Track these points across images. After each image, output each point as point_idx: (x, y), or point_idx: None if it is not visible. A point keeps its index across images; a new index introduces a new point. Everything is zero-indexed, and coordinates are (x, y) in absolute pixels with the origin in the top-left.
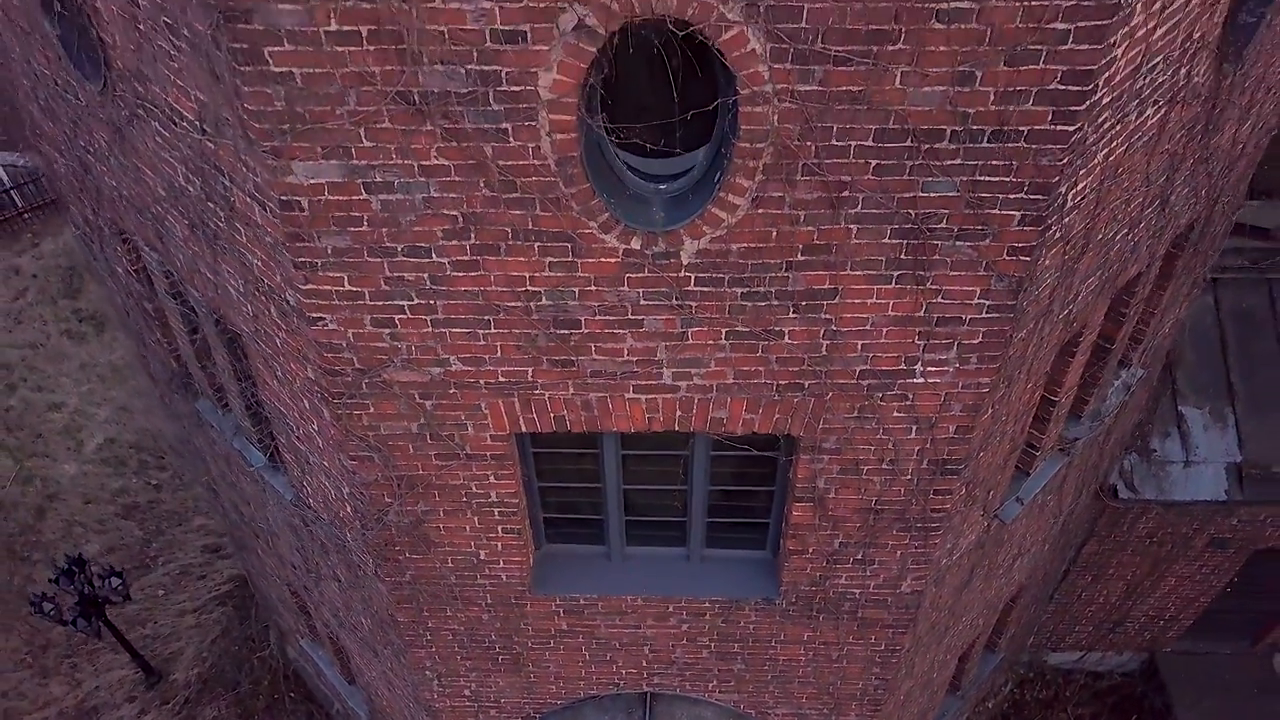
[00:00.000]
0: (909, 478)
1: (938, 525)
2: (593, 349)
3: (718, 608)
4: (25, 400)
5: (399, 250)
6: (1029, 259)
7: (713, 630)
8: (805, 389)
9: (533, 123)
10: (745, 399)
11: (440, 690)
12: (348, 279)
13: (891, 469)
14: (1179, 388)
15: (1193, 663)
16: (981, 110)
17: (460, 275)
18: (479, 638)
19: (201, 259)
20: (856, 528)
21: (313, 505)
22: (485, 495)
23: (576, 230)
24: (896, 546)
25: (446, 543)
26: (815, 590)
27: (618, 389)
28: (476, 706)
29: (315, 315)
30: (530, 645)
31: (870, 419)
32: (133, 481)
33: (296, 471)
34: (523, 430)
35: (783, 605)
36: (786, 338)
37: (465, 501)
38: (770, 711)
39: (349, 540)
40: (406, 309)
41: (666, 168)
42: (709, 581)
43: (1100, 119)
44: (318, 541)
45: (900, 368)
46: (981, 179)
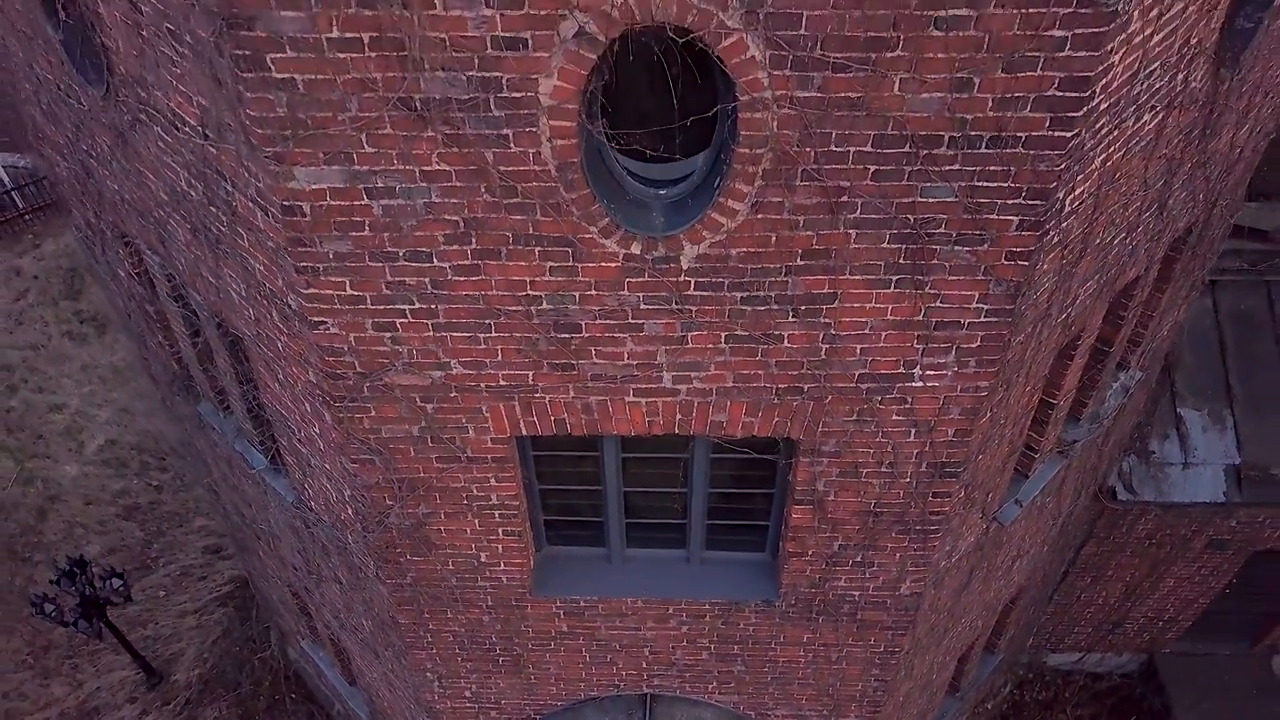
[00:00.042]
0: (908, 481)
1: (936, 528)
2: (593, 353)
3: (717, 609)
4: (26, 401)
5: (400, 255)
6: (1027, 264)
7: (713, 632)
8: (804, 392)
9: (533, 129)
10: (745, 402)
11: (441, 691)
12: (349, 283)
13: (890, 472)
14: (1178, 390)
15: (1192, 664)
16: (979, 116)
17: (461, 280)
18: (480, 639)
19: (203, 263)
20: (856, 530)
21: (314, 508)
22: (486, 498)
23: (577, 235)
24: (895, 549)
25: (447, 545)
26: (814, 592)
27: (618, 392)
28: (477, 708)
29: (317, 319)
30: (531, 647)
31: (869, 422)
32: (134, 483)
33: (298, 474)
34: (523, 433)
35: (782, 607)
36: (786, 342)
37: (466, 504)
38: (770, 713)
39: (350, 542)
40: (408, 313)
41: (666, 173)
42: (709, 583)
43: (1098, 125)
44: (319, 543)
45: (899, 371)
46: (980, 184)
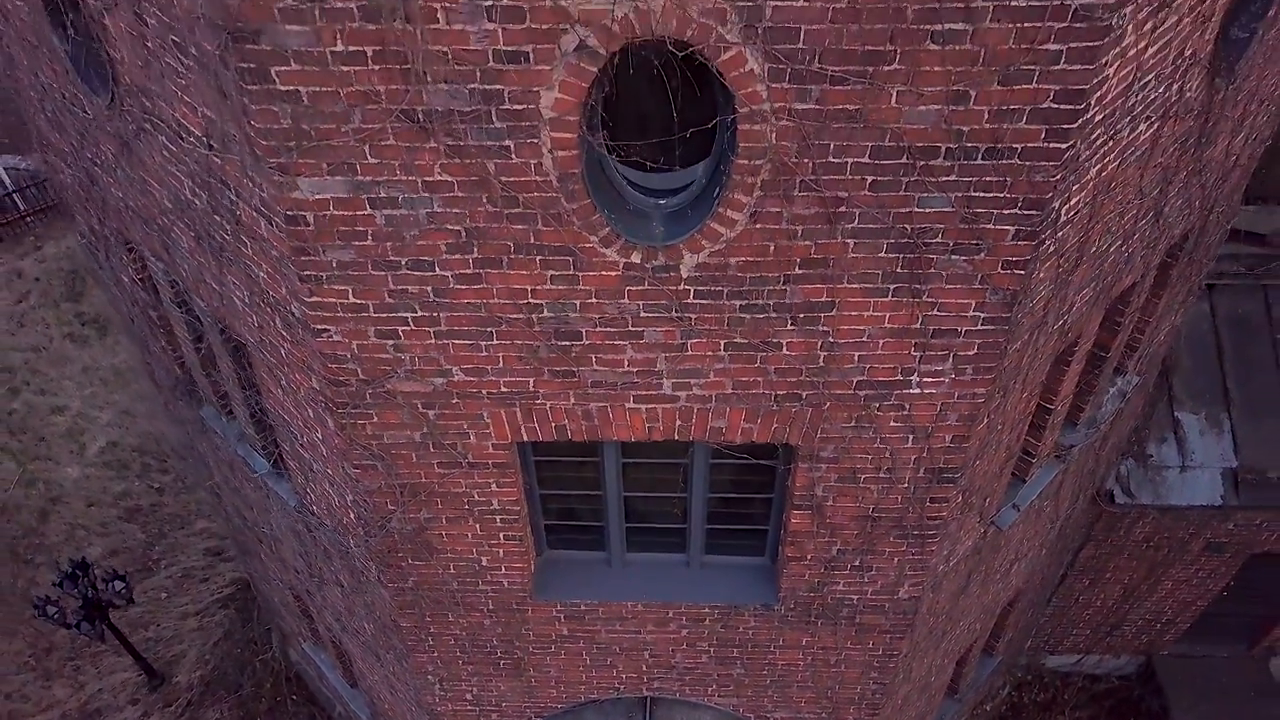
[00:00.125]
0: (906, 486)
1: (934, 532)
2: (593, 360)
3: (717, 613)
4: (28, 403)
5: (403, 264)
6: (1023, 272)
7: (712, 635)
8: (803, 399)
9: (535, 140)
10: (744, 409)
11: (442, 694)
12: (352, 292)
13: (889, 478)
14: (1175, 393)
15: (1190, 666)
16: (976, 128)
17: (463, 288)
18: (481, 643)
19: (207, 270)
20: (854, 535)
21: (316, 512)
22: (487, 503)
23: (578, 244)
24: (894, 553)
25: (449, 549)
26: (813, 596)
27: (618, 399)
28: (478, 710)
29: (320, 327)
30: (531, 650)
31: (867, 428)
32: (135, 485)
33: (300, 478)
34: (524, 439)
35: (781, 611)
36: (784, 349)
37: (467, 509)
38: (769, 715)
39: (352, 546)
40: (410, 321)
41: (666, 182)
42: (708, 587)
43: (1093, 136)
44: (321, 547)
45: (897, 378)
46: (976, 195)
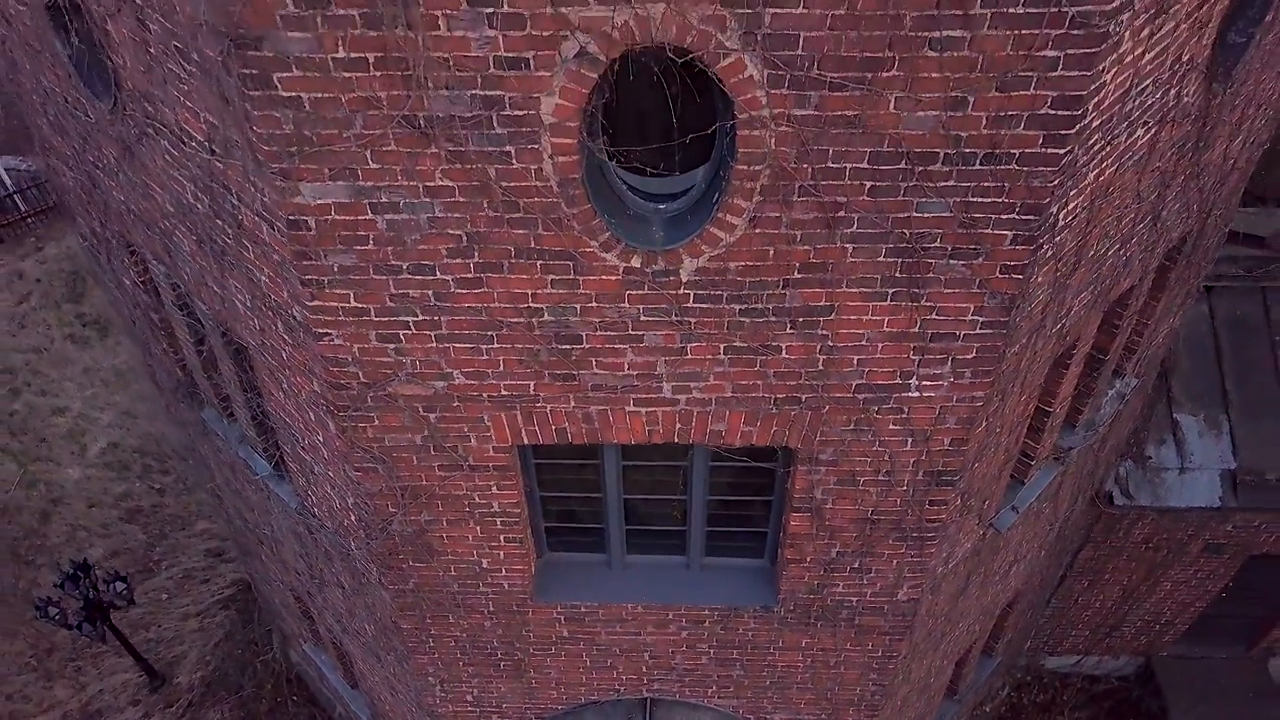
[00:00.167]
0: (905, 489)
1: (933, 535)
2: (594, 363)
3: (717, 615)
4: (29, 404)
5: (404, 268)
6: (1021, 277)
7: (712, 637)
8: (802, 402)
9: (535, 146)
10: (743, 412)
11: (443, 696)
12: (353, 295)
13: (887, 480)
14: (1174, 395)
15: (1188, 667)
16: (974, 134)
17: (464, 292)
18: (481, 644)
19: (209, 273)
20: (853, 537)
21: (317, 514)
22: (488, 505)
23: (578, 249)
24: (893, 555)
25: (449, 552)
26: (813, 598)
27: (618, 402)
28: (479, 712)
29: (321, 330)
30: (532, 652)
31: (866, 431)
32: (136, 486)
33: (301, 481)
34: (524, 442)
35: (781, 613)
36: (784, 353)
37: (468, 511)
38: (769, 717)
39: (353, 548)
40: (411, 325)
41: (666, 186)
42: (708, 589)
43: (1090, 141)
44: (322, 549)
45: (895, 382)
46: (974, 200)
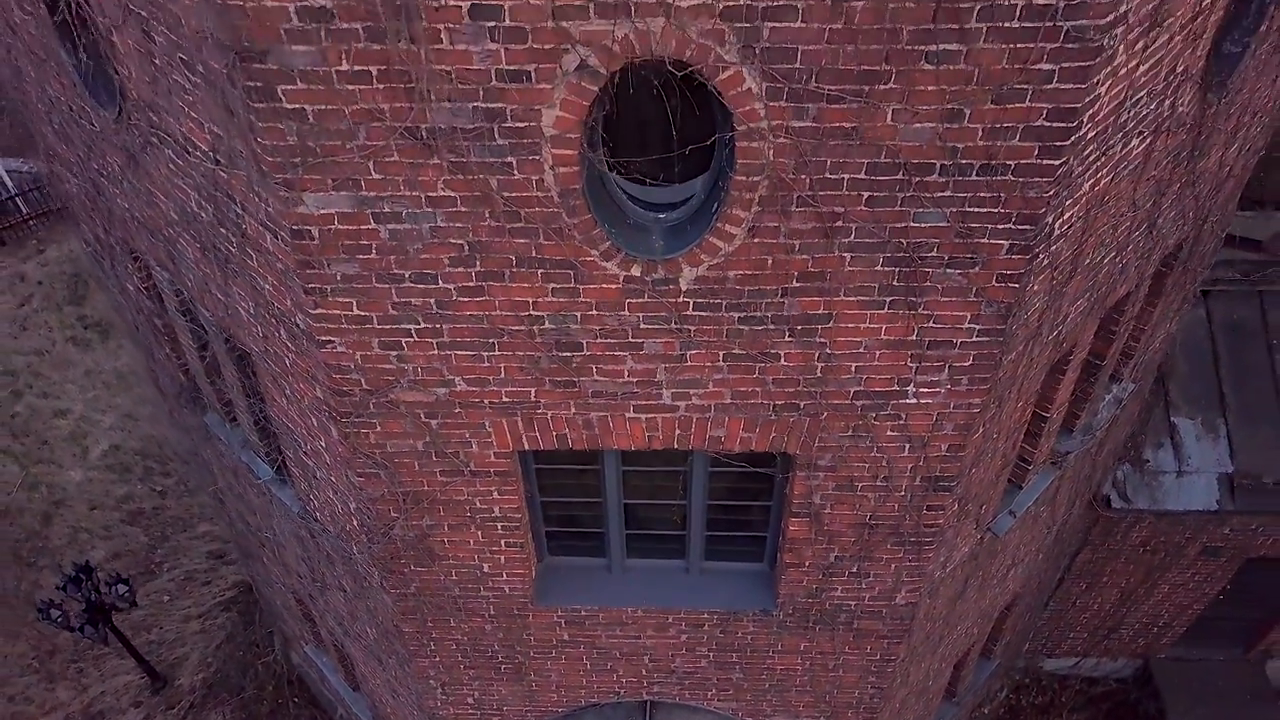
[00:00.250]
0: (902, 494)
1: (931, 539)
2: (594, 370)
3: (716, 619)
4: (31, 407)
5: (406, 277)
6: (1017, 286)
7: (711, 640)
8: (801, 409)
9: (536, 157)
10: (742, 418)
11: (444, 698)
12: (356, 304)
13: (885, 486)
14: (1171, 399)
15: (1186, 669)
16: (970, 145)
17: (465, 300)
18: (482, 648)
19: (212, 280)
20: (851, 542)
21: (319, 518)
22: (489, 510)
23: (579, 258)
24: (891, 560)
25: (451, 556)
26: (811, 602)
27: (618, 408)
28: (479, 714)
29: (324, 338)
30: (532, 655)
31: (864, 438)
32: (138, 488)
33: (304, 485)
34: (525, 448)
35: (780, 616)
36: (782, 360)
37: (469, 516)
38: (768, 719)
39: (355, 553)
40: (413, 332)
41: (666, 196)
42: (708, 593)
43: (1085, 152)
44: (324, 553)
45: (893, 389)
46: (970, 210)
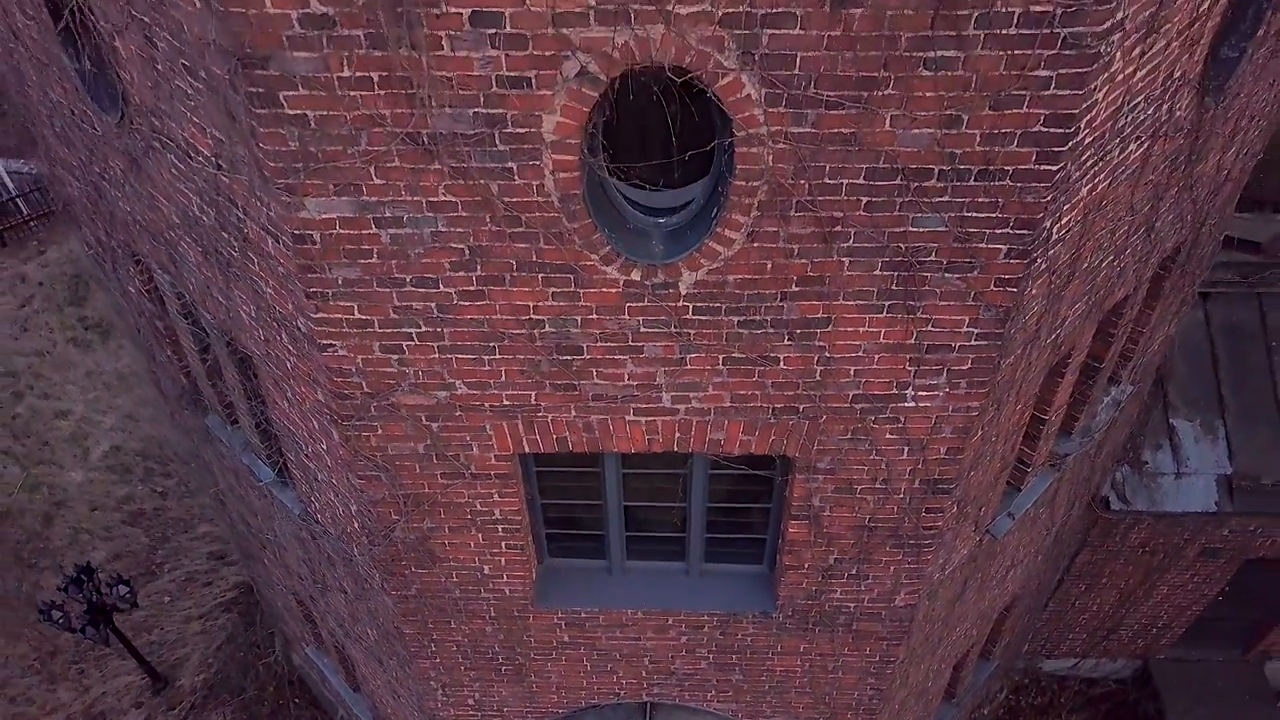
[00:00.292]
0: (901, 497)
1: (930, 542)
2: (594, 374)
3: (716, 620)
4: (32, 408)
5: (407, 281)
6: (1015, 290)
7: (711, 642)
8: (800, 412)
9: (537, 162)
10: (742, 421)
11: (444, 699)
12: (358, 308)
13: (884, 488)
14: (1170, 400)
15: (1185, 670)
16: (968, 151)
17: (466, 304)
18: (483, 649)
19: (214, 284)
20: (851, 544)
21: (320, 520)
22: (489, 512)
23: (579, 262)
24: (890, 562)
25: (451, 558)
26: (811, 604)
27: (618, 411)
28: (480, 715)
29: (326, 342)
30: (533, 656)
31: (863, 441)
32: (139, 489)
33: (305, 487)
34: (526, 451)
35: (779, 618)
36: (782, 364)
37: (470, 518)
38: None
39: (356, 555)
40: (414, 336)
41: (665, 201)
42: (708, 595)
43: (1083, 157)
44: (325, 555)
45: (892, 392)
46: (969, 215)
